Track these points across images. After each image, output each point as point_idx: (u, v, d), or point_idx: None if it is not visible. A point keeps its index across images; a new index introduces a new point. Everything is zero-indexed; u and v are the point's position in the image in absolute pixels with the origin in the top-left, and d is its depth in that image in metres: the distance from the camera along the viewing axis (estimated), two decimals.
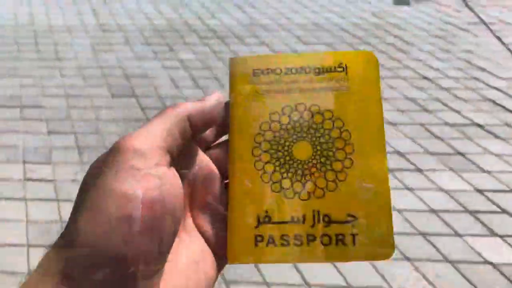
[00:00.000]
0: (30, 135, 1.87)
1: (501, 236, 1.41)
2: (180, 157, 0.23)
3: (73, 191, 1.58)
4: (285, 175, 0.24)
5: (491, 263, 1.32)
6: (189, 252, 0.22)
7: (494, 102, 2.09)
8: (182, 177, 0.23)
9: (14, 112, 2.02)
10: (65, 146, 1.80)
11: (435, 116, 1.98)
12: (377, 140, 0.24)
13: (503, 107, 2.05)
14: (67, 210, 1.51)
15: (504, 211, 1.51)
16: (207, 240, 0.23)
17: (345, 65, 0.25)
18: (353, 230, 0.23)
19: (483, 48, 2.54)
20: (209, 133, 0.25)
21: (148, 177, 0.20)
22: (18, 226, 1.45)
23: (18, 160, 1.73)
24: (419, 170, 1.67)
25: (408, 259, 1.33)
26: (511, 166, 1.68)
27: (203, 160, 0.24)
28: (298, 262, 0.23)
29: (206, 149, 0.25)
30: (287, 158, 0.24)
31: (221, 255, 0.24)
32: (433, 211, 1.51)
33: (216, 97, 0.24)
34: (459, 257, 1.34)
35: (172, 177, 0.20)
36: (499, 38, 2.60)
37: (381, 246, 0.23)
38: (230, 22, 2.96)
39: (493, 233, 1.42)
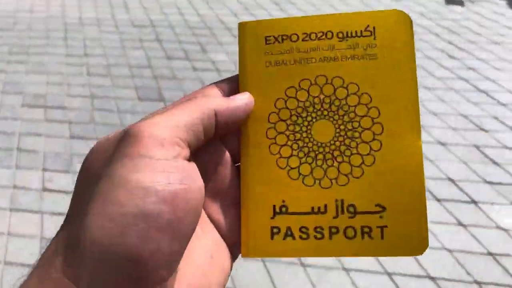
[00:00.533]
0: (52, 139, 1.78)
1: None
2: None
3: None
4: (304, 160, 0.22)
5: None
6: (203, 245, 0.20)
7: None
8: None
9: (38, 112, 1.94)
10: (86, 153, 1.70)
11: (492, 137, 1.77)
12: (410, 118, 0.21)
13: None
14: None
15: None
16: (219, 230, 0.22)
17: (373, 28, 0.22)
18: (381, 222, 0.21)
19: None
20: None
21: (169, 169, 0.18)
22: (32, 243, 1.35)
23: (38, 166, 1.64)
24: (474, 202, 1.48)
25: None
26: None
27: (213, 143, 0.22)
28: (318, 256, 0.21)
29: None
30: (306, 140, 0.22)
31: (235, 245, 0.22)
32: (490, 254, 1.32)
33: (246, 98, 0.21)
34: None
35: (193, 170, 0.19)
36: None
37: (413, 241, 0.20)
38: None
39: None
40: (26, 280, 0.17)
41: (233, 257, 0.22)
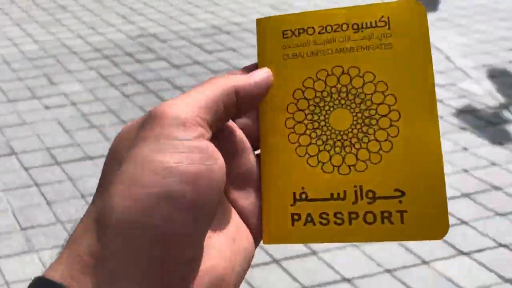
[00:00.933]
0: None
1: (467, 254, 1.30)
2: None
3: None
4: (322, 147, 0.22)
5: None
6: (224, 228, 0.21)
7: None
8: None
9: None
10: None
11: None
12: (427, 104, 0.22)
13: None
14: None
15: (463, 222, 1.41)
16: (242, 216, 0.22)
17: (387, 18, 0.23)
18: (401, 206, 0.21)
19: None
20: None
21: (191, 149, 0.18)
22: None
23: None
24: None
25: None
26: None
27: (232, 129, 0.22)
28: (338, 242, 0.21)
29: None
30: (324, 128, 0.22)
31: (257, 230, 0.22)
32: None
33: (265, 73, 0.22)
34: None
35: (215, 150, 0.19)
36: None
37: (433, 224, 0.21)
38: (116, 36, 2.58)
39: (460, 252, 1.31)
40: (56, 260, 0.17)
41: (256, 243, 0.22)
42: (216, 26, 2.62)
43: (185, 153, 0.18)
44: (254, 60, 2.29)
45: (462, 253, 1.31)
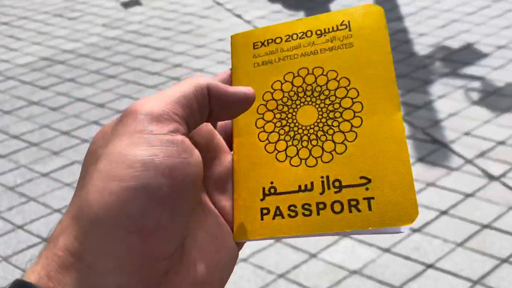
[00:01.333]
0: None
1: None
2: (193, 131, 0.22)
3: None
4: (290, 143, 0.23)
5: (356, 271, 1.24)
6: (207, 226, 0.21)
7: None
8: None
9: None
10: None
11: None
12: (388, 93, 0.23)
13: None
14: None
15: None
16: (224, 216, 0.23)
17: (348, 21, 0.25)
18: (367, 193, 0.21)
19: (233, 31, 2.47)
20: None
21: (166, 142, 0.19)
22: None
23: None
24: None
25: None
26: None
27: (212, 134, 0.23)
28: (307, 234, 0.21)
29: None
30: (292, 125, 0.24)
31: None
32: (280, 242, 1.34)
33: (246, 89, 0.22)
34: (327, 284, 1.21)
35: (190, 145, 0.19)
36: (239, 16, 2.58)
37: (402, 209, 0.20)
38: None
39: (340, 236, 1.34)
40: (35, 262, 0.17)
41: (239, 246, 0.22)
42: (46, 57, 2.36)
43: (160, 146, 0.18)
44: (97, 88, 2.11)
45: (342, 236, 1.35)
